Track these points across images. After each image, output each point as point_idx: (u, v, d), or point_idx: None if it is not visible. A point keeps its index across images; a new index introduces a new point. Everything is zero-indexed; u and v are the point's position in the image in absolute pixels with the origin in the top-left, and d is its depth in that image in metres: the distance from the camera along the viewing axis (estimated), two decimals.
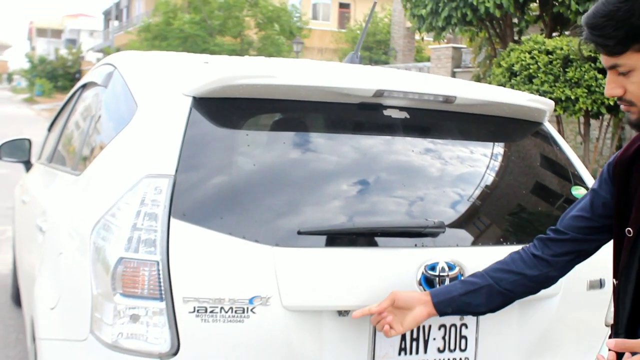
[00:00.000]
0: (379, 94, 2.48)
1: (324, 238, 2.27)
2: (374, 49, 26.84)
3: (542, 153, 2.95)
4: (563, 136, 8.68)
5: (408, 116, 2.60)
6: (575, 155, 3.00)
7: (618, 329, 1.85)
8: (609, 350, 1.65)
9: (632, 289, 1.79)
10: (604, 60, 1.65)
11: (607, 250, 2.79)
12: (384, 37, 25.90)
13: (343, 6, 38.94)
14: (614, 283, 1.86)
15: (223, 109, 2.41)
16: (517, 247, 2.56)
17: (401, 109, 2.60)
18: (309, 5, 37.15)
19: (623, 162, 1.82)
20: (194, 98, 2.37)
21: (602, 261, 2.74)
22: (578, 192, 2.84)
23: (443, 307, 2.18)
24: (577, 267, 2.67)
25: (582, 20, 1.66)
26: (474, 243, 2.47)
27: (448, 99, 2.59)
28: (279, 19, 26.00)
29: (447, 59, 16.68)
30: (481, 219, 2.59)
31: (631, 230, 1.75)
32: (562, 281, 2.61)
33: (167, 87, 2.54)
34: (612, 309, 2.85)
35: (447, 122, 2.75)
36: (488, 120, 2.81)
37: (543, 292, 2.60)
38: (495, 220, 2.63)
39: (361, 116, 2.58)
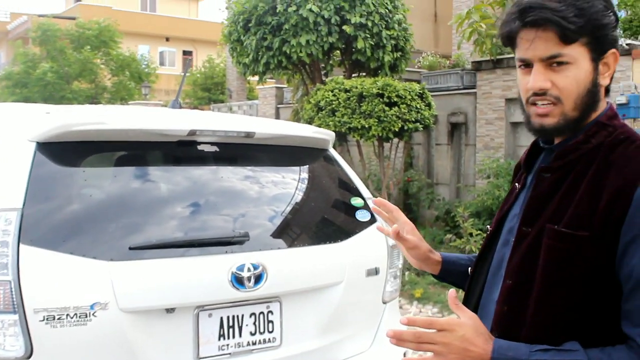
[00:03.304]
0: (192, 133, 2.65)
1: (151, 251, 2.39)
2: (212, 89, 26.85)
3: (328, 173, 3.22)
4: (363, 157, 9.20)
5: (218, 150, 2.79)
6: (354, 173, 3.30)
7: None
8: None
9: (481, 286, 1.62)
10: (541, 49, 1.41)
11: (381, 243, 3.09)
12: (221, 79, 25.97)
13: (186, 53, 38.74)
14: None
15: (64, 151, 2.47)
16: (308, 249, 2.81)
17: (212, 144, 2.77)
18: (156, 54, 36.60)
19: (515, 169, 1.68)
20: (38, 143, 2.43)
21: (377, 252, 3.06)
22: (356, 201, 3.13)
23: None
24: (357, 257, 2.95)
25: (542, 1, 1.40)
26: (274, 247, 2.68)
27: (249, 134, 2.80)
28: (130, 67, 25.60)
29: (272, 97, 17.05)
30: (280, 228, 2.80)
31: (489, 228, 1.67)
32: (345, 270, 2.89)
33: (14, 134, 2.57)
34: (389, 289, 3.14)
35: (251, 153, 2.95)
36: (284, 149, 3.04)
37: (331, 280, 2.87)
38: (291, 228, 2.85)
39: (180, 151, 2.72)
